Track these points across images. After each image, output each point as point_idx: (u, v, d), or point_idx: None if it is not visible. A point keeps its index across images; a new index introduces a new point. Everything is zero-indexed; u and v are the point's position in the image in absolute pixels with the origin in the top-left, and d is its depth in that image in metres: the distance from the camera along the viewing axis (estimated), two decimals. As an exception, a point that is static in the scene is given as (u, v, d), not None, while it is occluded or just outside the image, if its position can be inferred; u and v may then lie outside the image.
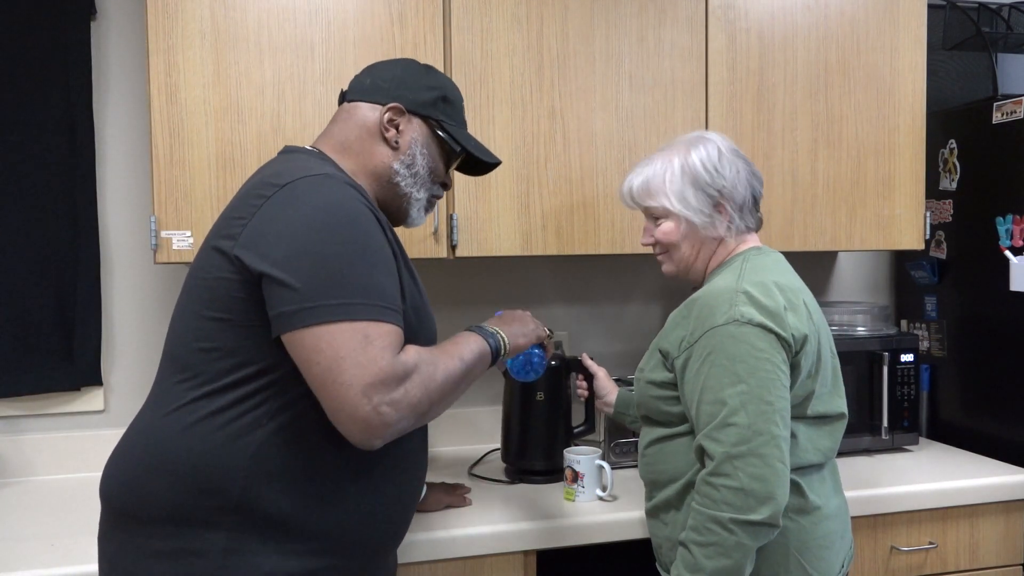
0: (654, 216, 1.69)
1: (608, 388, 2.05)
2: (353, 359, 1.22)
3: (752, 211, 1.67)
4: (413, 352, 1.30)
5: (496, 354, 1.47)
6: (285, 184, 1.32)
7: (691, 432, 1.56)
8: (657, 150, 1.71)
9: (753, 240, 1.69)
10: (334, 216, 1.29)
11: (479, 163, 1.63)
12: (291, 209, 1.29)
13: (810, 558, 1.55)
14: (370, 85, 1.51)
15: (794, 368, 1.52)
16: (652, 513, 1.68)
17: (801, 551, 1.54)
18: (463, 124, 1.59)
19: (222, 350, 1.32)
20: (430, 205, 1.58)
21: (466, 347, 1.41)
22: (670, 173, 1.64)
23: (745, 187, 1.65)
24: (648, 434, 1.67)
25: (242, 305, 1.29)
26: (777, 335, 1.49)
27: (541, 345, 1.66)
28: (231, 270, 1.30)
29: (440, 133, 1.53)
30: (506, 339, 1.50)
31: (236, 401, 1.30)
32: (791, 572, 1.54)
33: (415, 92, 1.50)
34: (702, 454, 1.49)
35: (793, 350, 1.51)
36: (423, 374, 1.29)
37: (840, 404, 1.62)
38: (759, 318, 1.49)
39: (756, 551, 1.45)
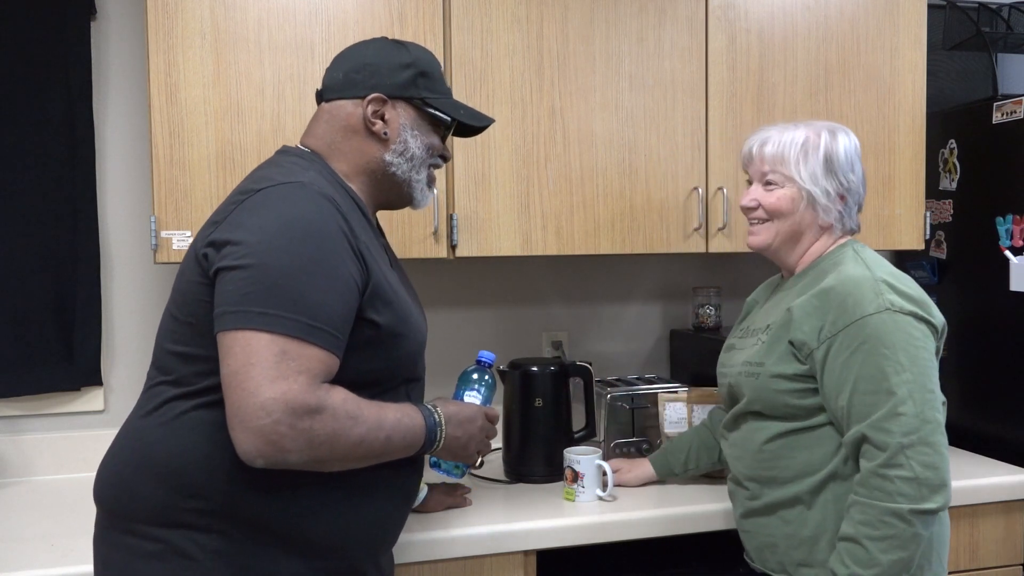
0: (769, 181, 1.66)
1: (638, 474, 2.03)
2: (262, 369, 1.19)
3: (856, 215, 1.69)
4: (340, 395, 1.26)
5: (424, 449, 1.41)
6: (260, 190, 1.32)
7: (826, 424, 1.56)
8: (796, 123, 1.69)
9: (844, 237, 1.70)
10: (291, 228, 1.27)
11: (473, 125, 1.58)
12: (255, 216, 1.29)
13: (942, 552, 1.58)
14: (344, 80, 1.47)
15: (936, 353, 1.55)
16: (765, 511, 1.63)
17: (939, 546, 1.56)
18: (447, 92, 1.54)
19: (192, 355, 1.32)
20: (431, 180, 1.55)
21: (400, 429, 1.33)
22: (811, 147, 1.63)
23: (863, 190, 1.68)
24: (764, 429, 1.62)
25: (206, 310, 1.28)
26: (928, 323, 1.52)
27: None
28: (199, 273, 1.31)
29: (428, 110, 1.48)
30: (441, 443, 1.42)
31: (210, 404, 1.29)
32: (932, 566, 1.54)
33: (391, 76, 1.46)
34: (860, 445, 1.49)
35: (939, 336, 1.55)
36: (339, 422, 1.24)
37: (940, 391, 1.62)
38: (910, 307, 1.51)
39: None
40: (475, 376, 1.64)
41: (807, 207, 1.64)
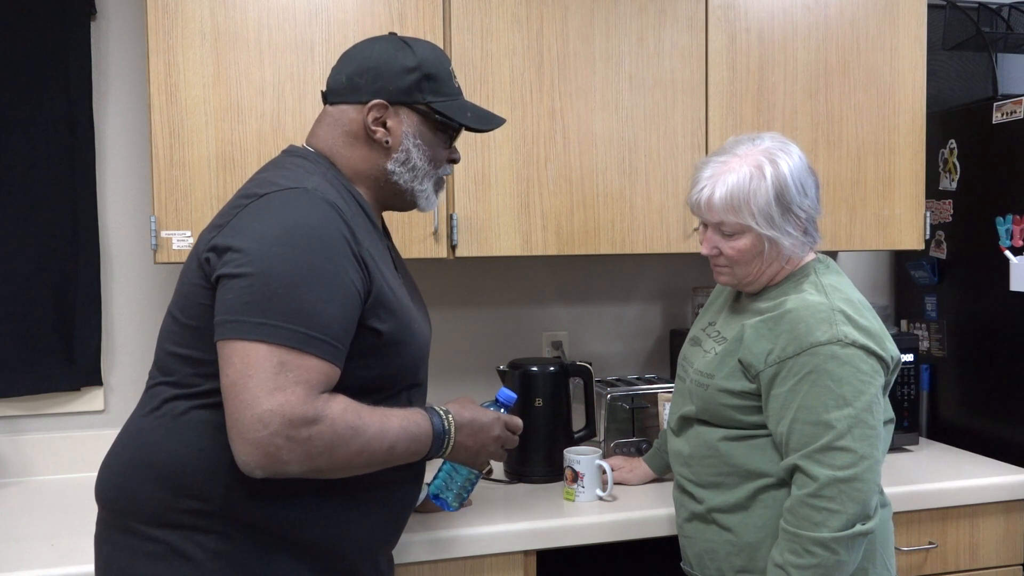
0: (725, 230, 1.58)
1: (639, 473, 2.04)
2: (260, 381, 1.19)
3: (817, 231, 1.63)
4: (340, 405, 1.25)
5: (430, 456, 1.39)
6: (263, 195, 1.32)
7: (769, 434, 1.56)
8: (729, 151, 1.59)
9: (810, 252, 1.66)
10: (292, 235, 1.26)
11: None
12: (257, 222, 1.28)
13: (887, 550, 1.60)
14: (347, 83, 1.44)
15: (885, 387, 1.54)
16: (705, 517, 1.64)
17: (882, 544, 1.59)
18: (455, 93, 1.48)
19: (193, 358, 1.32)
20: (439, 185, 1.52)
21: (404, 437, 1.32)
22: (758, 189, 1.53)
23: (818, 203, 1.61)
24: (710, 434, 1.63)
25: (207, 313, 1.28)
26: (879, 357, 1.51)
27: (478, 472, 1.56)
28: (201, 277, 1.31)
29: (432, 115, 1.45)
30: (449, 450, 1.41)
31: (211, 406, 1.30)
32: (876, 565, 1.57)
33: (394, 80, 1.42)
34: (793, 473, 1.50)
35: (890, 370, 1.54)
36: (338, 433, 1.23)
37: (890, 408, 1.63)
38: (862, 340, 1.49)
39: None
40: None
41: (769, 249, 1.57)
